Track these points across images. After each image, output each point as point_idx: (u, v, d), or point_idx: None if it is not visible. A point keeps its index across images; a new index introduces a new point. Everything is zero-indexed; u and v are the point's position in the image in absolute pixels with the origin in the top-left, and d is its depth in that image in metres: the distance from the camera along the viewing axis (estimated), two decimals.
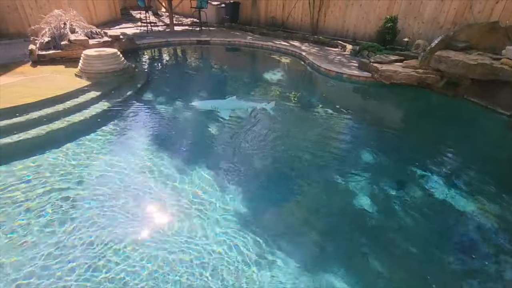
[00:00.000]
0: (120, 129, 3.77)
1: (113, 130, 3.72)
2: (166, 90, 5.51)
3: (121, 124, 3.88)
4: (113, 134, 3.62)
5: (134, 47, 7.44)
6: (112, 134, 3.62)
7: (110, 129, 3.72)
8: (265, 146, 3.58)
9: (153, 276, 1.90)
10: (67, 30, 5.94)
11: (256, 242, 2.20)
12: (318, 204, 2.78)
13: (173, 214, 2.44)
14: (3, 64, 5.26)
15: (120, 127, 3.82)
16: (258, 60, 8.55)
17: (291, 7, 10.17)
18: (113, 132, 3.67)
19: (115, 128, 3.77)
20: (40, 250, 2.01)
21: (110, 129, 3.72)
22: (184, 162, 3.13)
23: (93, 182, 2.72)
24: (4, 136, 3.20)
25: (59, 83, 4.45)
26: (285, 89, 5.71)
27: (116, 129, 3.75)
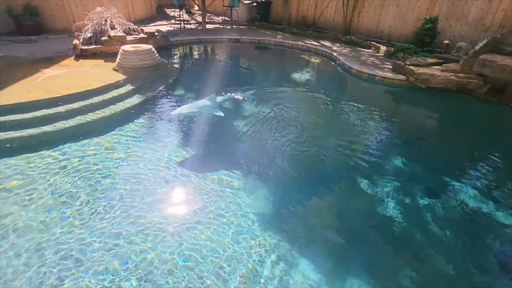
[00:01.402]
0: (151, 121, 3.92)
1: (145, 122, 3.87)
2: (195, 86, 5.63)
3: (152, 117, 4.03)
4: (145, 126, 3.77)
5: (167, 44, 7.69)
6: (144, 126, 3.77)
7: (142, 120, 3.88)
8: (290, 146, 3.55)
9: (170, 267, 1.95)
10: (108, 26, 6.28)
11: (276, 244, 2.19)
12: (343, 208, 2.71)
13: (193, 206, 2.48)
14: (50, 57, 5.68)
15: (151, 119, 3.97)
16: (287, 60, 8.49)
17: (324, 6, 9.98)
18: (145, 124, 3.82)
19: (147, 120, 3.93)
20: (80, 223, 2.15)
21: (143, 120, 3.88)
22: (208, 156, 3.19)
23: (125, 169, 2.85)
24: (48, 124, 3.45)
25: (99, 76, 4.71)
26: (314, 89, 5.62)
27: (147, 121, 3.91)
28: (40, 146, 3.09)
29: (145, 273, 1.87)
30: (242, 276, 1.93)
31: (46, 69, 4.95)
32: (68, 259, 1.94)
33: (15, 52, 5.92)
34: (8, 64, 5.12)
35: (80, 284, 1.79)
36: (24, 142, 3.14)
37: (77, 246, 2.03)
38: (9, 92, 3.85)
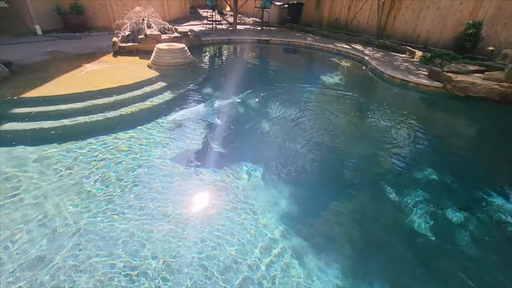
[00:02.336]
0: (179, 117, 4.05)
1: (174, 118, 4.00)
2: (224, 85, 5.73)
3: (181, 113, 4.16)
4: (173, 122, 3.90)
5: (199, 43, 7.91)
6: (173, 122, 3.90)
7: (171, 116, 4.01)
8: (314, 149, 3.50)
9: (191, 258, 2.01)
10: (145, 25, 6.57)
11: (294, 248, 2.17)
12: (365, 216, 2.62)
13: (215, 201, 2.53)
14: (91, 53, 6.06)
15: (180, 115, 4.09)
16: (317, 62, 8.38)
17: (357, 9, 9.74)
18: (174, 120, 3.95)
19: (175, 116, 4.05)
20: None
21: (172, 116, 4.01)
22: (233, 154, 3.23)
23: (153, 160, 2.97)
24: (86, 115, 3.68)
25: (134, 73, 4.95)
26: (343, 94, 5.50)
27: (176, 116, 4.03)
28: (79, 135, 3.32)
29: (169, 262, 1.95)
30: (256, 278, 1.93)
31: (87, 64, 5.29)
32: (99, 241, 2.06)
33: (61, 47, 6.39)
34: (55, 58, 5.54)
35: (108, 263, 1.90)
36: (65, 131, 3.38)
37: (106, 231, 2.15)
38: (56, 85, 4.16)
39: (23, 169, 2.72)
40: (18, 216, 2.21)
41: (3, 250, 1.95)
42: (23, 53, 5.61)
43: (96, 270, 1.86)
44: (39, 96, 3.78)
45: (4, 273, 1.80)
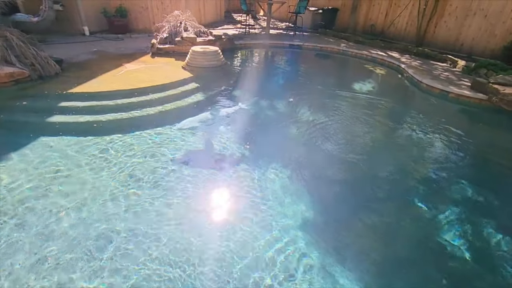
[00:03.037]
0: (210, 118, 4.16)
1: (204, 117, 4.12)
2: (254, 88, 5.79)
3: (211, 114, 4.27)
4: (204, 121, 4.02)
5: (232, 46, 8.08)
6: (203, 121, 4.01)
7: (202, 116, 4.13)
8: (341, 157, 3.41)
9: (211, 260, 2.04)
10: (182, 28, 6.86)
11: (316, 256, 2.12)
12: (393, 231, 2.50)
13: (236, 206, 2.55)
14: (131, 53, 6.44)
15: (210, 116, 4.21)
16: (349, 69, 8.20)
17: (396, 15, 9.40)
18: (204, 120, 4.07)
19: (206, 116, 4.17)
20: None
21: (203, 116, 4.14)
22: (259, 156, 3.24)
23: (183, 157, 3.07)
24: (123, 112, 3.91)
25: (169, 73, 5.18)
26: (375, 102, 5.32)
27: (207, 117, 4.15)
28: (118, 129, 3.53)
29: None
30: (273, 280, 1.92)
31: (127, 63, 5.62)
32: (132, 231, 2.17)
33: (105, 47, 6.85)
34: (99, 58, 5.96)
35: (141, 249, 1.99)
36: (105, 125, 3.62)
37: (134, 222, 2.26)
38: (99, 82, 4.48)
39: (66, 156, 2.95)
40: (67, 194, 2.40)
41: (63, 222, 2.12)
42: (72, 52, 6.10)
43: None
44: (84, 91, 4.09)
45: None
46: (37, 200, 2.39)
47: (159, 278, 1.84)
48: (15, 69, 4.21)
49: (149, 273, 1.87)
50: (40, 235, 2.08)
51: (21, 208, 2.29)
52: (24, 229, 2.12)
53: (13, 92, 4.02)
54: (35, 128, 3.43)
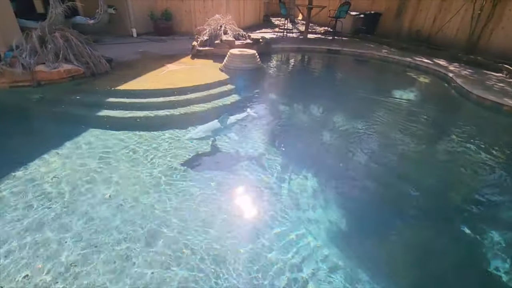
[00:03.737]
0: (243, 118, 4.22)
1: (238, 118, 4.18)
2: (288, 91, 5.79)
3: (245, 114, 4.33)
4: (237, 122, 4.08)
5: (269, 50, 8.15)
6: (236, 122, 4.08)
7: (236, 117, 4.20)
8: (375, 169, 3.26)
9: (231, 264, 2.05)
10: (222, 31, 7.07)
11: (343, 269, 2.04)
12: (429, 250, 2.33)
13: (262, 205, 2.55)
14: (173, 55, 6.77)
15: (244, 116, 4.26)
16: (390, 76, 7.83)
17: (445, 20, 8.80)
18: (238, 120, 4.13)
19: (239, 116, 4.24)
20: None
21: (236, 117, 4.20)
22: (289, 161, 3.21)
23: (215, 154, 3.15)
24: (163, 109, 4.12)
25: (207, 74, 5.37)
26: (416, 112, 5.02)
27: (240, 118, 4.21)
28: (157, 125, 3.74)
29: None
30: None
31: (169, 64, 5.92)
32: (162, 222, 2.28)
33: (150, 48, 7.30)
34: (144, 58, 6.35)
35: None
36: (146, 121, 3.85)
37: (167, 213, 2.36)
38: (143, 80, 4.78)
39: (110, 147, 3.18)
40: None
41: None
42: (121, 52, 6.58)
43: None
44: (130, 89, 4.38)
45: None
46: (84, 185, 2.60)
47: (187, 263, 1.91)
48: (72, 66, 4.65)
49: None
50: (86, 216, 2.26)
51: (69, 193, 2.52)
52: (72, 211, 2.31)
53: (69, 86, 4.44)
54: (86, 120, 3.75)
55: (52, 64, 4.49)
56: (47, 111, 4.04)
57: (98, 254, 1.96)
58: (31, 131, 3.71)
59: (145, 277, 1.84)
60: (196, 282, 1.83)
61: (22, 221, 2.19)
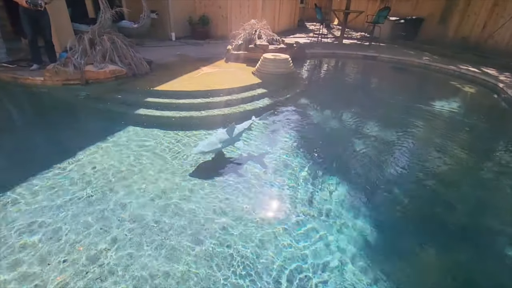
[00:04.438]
0: (273, 123, 4.23)
1: (268, 122, 4.21)
2: (320, 98, 5.69)
3: (275, 119, 4.35)
4: (267, 126, 4.11)
5: (302, 55, 8.10)
6: (267, 126, 4.11)
7: (267, 121, 4.23)
8: (409, 183, 3.08)
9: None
10: (256, 36, 7.17)
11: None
12: (470, 271, 2.14)
13: (288, 208, 2.51)
14: (208, 58, 6.98)
15: (274, 121, 4.28)
16: (430, 85, 7.39)
17: (497, 27, 8.13)
18: (268, 124, 4.16)
19: (270, 121, 4.26)
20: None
21: (267, 121, 4.23)
22: (319, 168, 3.15)
23: (243, 157, 3.19)
24: (196, 110, 4.26)
25: (240, 78, 5.46)
26: (460, 124, 4.67)
27: (271, 122, 4.24)
28: (189, 125, 3.88)
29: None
30: None
31: (204, 67, 6.12)
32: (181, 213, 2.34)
33: (187, 51, 7.60)
34: (181, 60, 6.63)
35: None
36: (181, 121, 4.00)
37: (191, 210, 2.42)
38: (179, 82, 4.99)
39: (146, 144, 3.36)
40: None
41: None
42: (160, 54, 6.93)
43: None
44: (167, 90, 4.60)
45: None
46: (121, 177, 2.76)
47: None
48: (117, 67, 4.99)
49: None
50: (121, 205, 2.40)
51: (107, 183, 2.69)
52: (108, 200, 2.47)
53: (113, 86, 4.76)
54: (126, 117, 4.00)
55: (99, 65, 4.86)
56: (92, 107, 4.37)
57: (128, 240, 2.07)
58: (77, 125, 4.04)
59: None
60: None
61: (63, 206, 2.38)
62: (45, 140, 3.53)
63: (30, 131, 3.78)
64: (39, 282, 1.77)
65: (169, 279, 1.84)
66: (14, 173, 2.79)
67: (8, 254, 1.95)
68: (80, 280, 1.80)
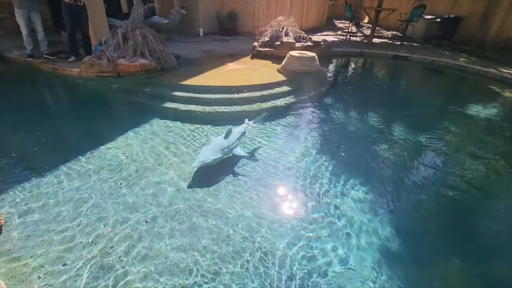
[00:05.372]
0: (296, 121, 4.19)
1: (291, 120, 4.19)
2: (345, 98, 5.55)
3: (298, 118, 4.30)
4: (289, 124, 4.08)
5: (329, 53, 7.93)
6: (288, 124, 4.08)
7: (289, 119, 4.21)
8: (449, 191, 2.93)
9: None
10: (283, 33, 7.10)
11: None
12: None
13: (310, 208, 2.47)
14: (234, 54, 7.03)
15: (297, 120, 4.24)
16: (466, 89, 6.96)
17: None
18: (290, 122, 4.13)
19: (293, 119, 4.23)
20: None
21: (289, 119, 4.21)
22: (342, 167, 3.08)
23: (263, 154, 3.19)
24: (220, 105, 4.32)
25: (265, 75, 5.45)
26: (499, 131, 4.36)
27: (293, 120, 4.20)
28: (212, 120, 3.96)
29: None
30: None
31: (230, 63, 6.18)
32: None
33: (214, 47, 7.70)
34: (208, 56, 6.74)
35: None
36: (205, 115, 4.09)
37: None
38: (205, 77, 5.08)
39: (172, 135, 3.46)
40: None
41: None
42: (188, 49, 7.08)
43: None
44: (193, 84, 4.70)
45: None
46: (148, 168, 2.88)
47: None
48: (147, 61, 5.17)
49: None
50: (151, 195, 2.50)
51: (135, 170, 2.81)
52: (135, 186, 2.58)
53: (143, 79, 4.94)
54: (153, 110, 4.14)
55: (130, 58, 5.06)
56: (123, 98, 4.58)
57: (155, 221, 2.15)
58: (109, 115, 4.25)
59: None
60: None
61: (94, 190, 2.52)
62: (80, 128, 3.75)
63: (67, 119, 4.04)
64: (72, 259, 1.90)
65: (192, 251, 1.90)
66: (55, 157, 2.99)
67: (53, 226, 2.10)
68: (107, 257, 1.90)
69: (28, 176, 2.65)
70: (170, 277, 1.83)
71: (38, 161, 2.91)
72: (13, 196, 2.41)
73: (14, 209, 2.28)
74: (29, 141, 3.26)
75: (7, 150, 3.02)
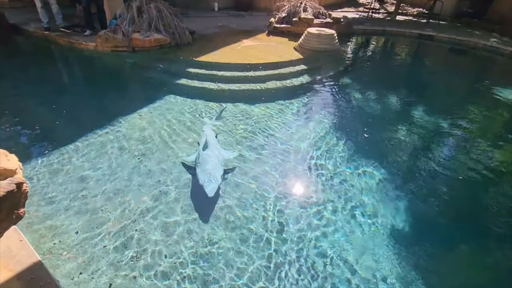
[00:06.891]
0: (311, 101, 4.08)
1: (306, 100, 4.07)
2: (364, 79, 5.32)
3: (313, 97, 4.18)
4: (304, 104, 3.97)
5: (349, 31, 7.56)
6: (304, 103, 3.97)
7: (304, 98, 4.09)
8: (466, 179, 2.83)
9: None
10: (301, 9, 6.79)
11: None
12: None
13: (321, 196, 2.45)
14: (250, 30, 6.83)
15: (312, 99, 4.12)
16: (493, 71, 6.53)
17: None
18: (305, 102, 4.02)
19: (308, 99, 4.12)
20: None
21: (304, 98, 4.09)
22: (358, 150, 3.01)
23: (278, 133, 3.15)
24: (235, 83, 4.25)
25: (281, 52, 5.28)
26: None
27: (308, 100, 4.09)
28: (227, 97, 3.91)
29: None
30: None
31: (245, 39, 6.01)
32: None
33: (229, 23, 7.49)
34: (223, 32, 6.57)
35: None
36: (219, 92, 4.04)
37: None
38: (220, 54, 4.98)
39: (186, 111, 3.46)
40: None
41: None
42: (202, 25, 6.91)
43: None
44: (207, 61, 4.62)
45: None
46: (162, 143, 2.90)
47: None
48: (161, 36, 5.09)
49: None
50: (162, 169, 2.54)
51: (143, 147, 2.84)
52: (150, 159, 2.63)
53: (157, 54, 4.90)
54: (168, 86, 4.12)
55: (145, 33, 4.99)
56: (138, 73, 4.57)
57: (167, 195, 2.20)
58: (124, 89, 4.27)
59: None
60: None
61: (110, 166, 2.58)
62: (96, 101, 3.79)
63: (83, 92, 4.09)
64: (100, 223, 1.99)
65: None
66: (72, 129, 3.06)
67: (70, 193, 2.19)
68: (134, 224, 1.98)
69: (50, 147, 2.74)
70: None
71: (60, 133, 3.00)
72: (36, 165, 2.50)
73: (38, 175, 2.38)
74: (50, 113, 3.34)
75: (30, 122, 3.11)
